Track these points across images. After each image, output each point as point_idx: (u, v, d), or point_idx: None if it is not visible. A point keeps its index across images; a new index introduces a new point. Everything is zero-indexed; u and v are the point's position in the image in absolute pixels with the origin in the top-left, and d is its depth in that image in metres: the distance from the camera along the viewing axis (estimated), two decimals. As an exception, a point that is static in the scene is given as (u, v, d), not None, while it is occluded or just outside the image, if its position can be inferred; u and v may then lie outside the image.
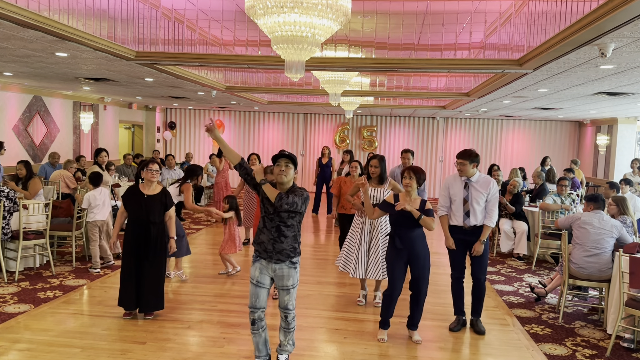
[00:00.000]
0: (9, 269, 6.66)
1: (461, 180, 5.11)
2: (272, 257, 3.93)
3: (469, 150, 5.08)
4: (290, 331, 4.11)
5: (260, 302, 3.98)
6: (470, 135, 17.30)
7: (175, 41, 7.35)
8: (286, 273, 3.95)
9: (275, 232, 3.90)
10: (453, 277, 5.29)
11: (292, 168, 3.88)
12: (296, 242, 4.00)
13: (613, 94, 8.69)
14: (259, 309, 3.99)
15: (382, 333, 4.93)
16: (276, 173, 3.87)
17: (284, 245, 3.91)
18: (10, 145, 11.01)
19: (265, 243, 3.93)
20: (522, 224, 8.39)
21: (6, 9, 4.44)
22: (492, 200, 5.05)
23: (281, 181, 3.89)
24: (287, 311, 4.04)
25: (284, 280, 3.96)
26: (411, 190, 4.79)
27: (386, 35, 7.57)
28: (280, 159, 3.87)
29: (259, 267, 3.97)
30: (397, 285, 4.82)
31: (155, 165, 5.25)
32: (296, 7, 3.62)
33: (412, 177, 4.76)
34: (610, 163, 14.42)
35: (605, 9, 3.86)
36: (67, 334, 4.83)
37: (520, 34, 6.23)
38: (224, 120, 17.94)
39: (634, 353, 4.80)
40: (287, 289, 3.98)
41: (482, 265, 5.16)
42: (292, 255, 3.96)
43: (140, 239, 5.12)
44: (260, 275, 3.96)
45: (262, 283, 3.97)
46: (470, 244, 5.13)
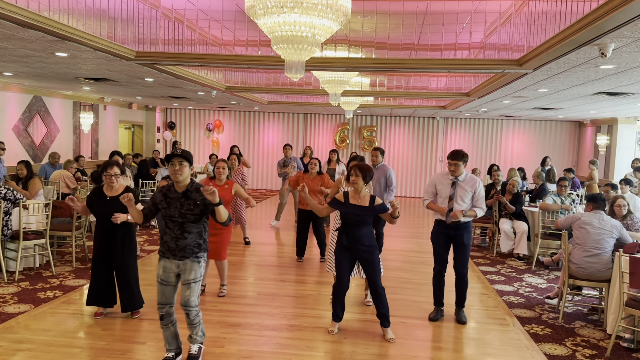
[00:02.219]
0: (9, 269, 6.66)
1: (449, 178, 5.33)
2: (176, 255, 4.02)
3: (461, 151, 5.32)
4: (196, 325, 4.15)
5: (165, 298, 4.09)
6: (470, 135, 17.30)
7: (175, 41, 7.35)
8: (189, 267, 4.02)
9: (179, 230, 4.00)
10: (435, 270, 5.53)
11: (186, 166, 3.97)
12: (201, 238, 4.07)
13: (613, 94, 8.69)
14: (166, 305, 4.10)
15: (333, 325, 5.04)
16: (171, 173, 3.98)
17: (188, 241, 4.00)
18: (11, 145, 11.01)
19: (169, 242, 4.03)
20: (522, 224, 8.39)
21: (6, 9, 4.44)
22: (479, 198, 5.32)
23: (176, 180, 3.98)
24: (188, 309, 4.06)
25: (187, 274, 4.03)
26: (358, 187, 4.85)
27: (386, 35, 7.57)
28: (174, 159, 3.96)
29: (163, 265, 4.07)
30: (343, 279, 4.93)
31: (115, 169, 5.15)
32: (296, 7, 3.62)
33: (357, 174, 4.82)
34: (610, 163, 14.42)
35: (605, 9, 3.87)
36: (67, 334, 4.83)
37: (520, 34, 6.23)
38: (224, 120, 17.95)
39: (634, 353, 4.80)
40: (188, 283, 4.03)
41: (464, 259, 5.41)
42: (196, 251, 4.04)
43: (108, 240, 5.14)
44: (163, 273, 4.06)
45: (166, 281, 4.07)
46: (452, 238, 5.38)
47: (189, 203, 3.98)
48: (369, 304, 5.84)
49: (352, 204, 4.83)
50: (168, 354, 4.22)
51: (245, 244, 8.84)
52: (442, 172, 5.47)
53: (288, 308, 5.76)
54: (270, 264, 7.74)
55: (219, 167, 5.99)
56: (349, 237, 4.86)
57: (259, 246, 8.98)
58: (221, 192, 5.93)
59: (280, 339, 4.88)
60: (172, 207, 4.00)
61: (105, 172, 5.15)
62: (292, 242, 9.49)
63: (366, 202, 4.83)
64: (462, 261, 5.40)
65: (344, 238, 4.90)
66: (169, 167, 3.99)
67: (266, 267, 7.54)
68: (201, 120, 18.01)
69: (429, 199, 5.48)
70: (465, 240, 5.35)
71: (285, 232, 10.28)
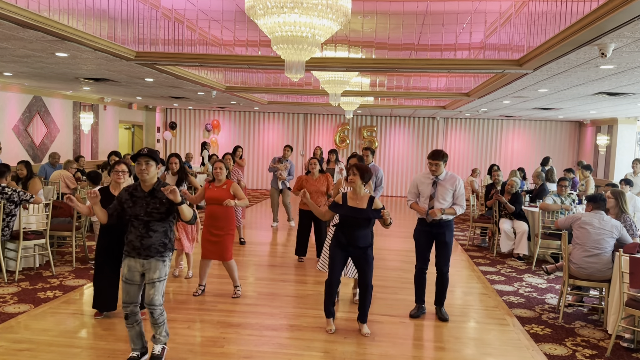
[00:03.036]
0: (9, 269, 6.66)
1: (430, 178, 5.43)
2: (141, 254, 4.00)
3: (441, 151, 5.41)
4: (160, 325, 4.13)
5: (130, 297, 4.07)
6: (470, 135, 17.30)
7: (175, 41, 7.35)
8: (153, 266, 4.00)
9: (144, 228, 3.99)
10: (417, 268, 5.61)
11: (153, 165, 3.97)
12: (166, 237, 4.06)
13: (613, 94, 8.69)
14: (130, 304, 4.08)
15: (329, 323, 5.07)
16: (137, 172, 3.97)
17: (153, 240, 3.98)
18: (11, 145, 11.01)
19: (134, 241, 4.02)
20: (522, 224, 8.39)
21: (6, 9, 4.45)
22: (459, 195, 5.40)
23: (143, 179, 3.98)
24: (153, 307, 4.04)
25: (151, 273, 4.01)
26: (356, 187, 4.85)
27: (386, 35, 7.57)
28: (140, 158, 3.96)
29: (127, 264, 4.05)
30: (336, 274, 4.95)
31: (123, 166, 5.18)
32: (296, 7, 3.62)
33: (355, 173, 4.83)
34: (610, 163, 14.42)
35: (605, 9, 3.87)
36: (67, 334, 4.83)
37: (520, 34, 6.24)
38: (224, 120, 17.95)
39: (634, 353, 4.79)
40: (152, 282, 4.01)
41: (445, 258, 5.48)
42: (160, 250, 4.02)
43: (114, 241, 5.08)
44: (128, 272, 4.05)
45: (131, 280, 4.06)
46: (434, 236, 5.45)
47: (155, 202, 3.98)
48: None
49: (350, 206, 4.82)
50: (133, 354, 4.20)
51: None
52: (423, 173, 5.58)
53: (288, 308, 5.76)
54: (270, 264, 7.74)
55: (216, 168, 5.98)
56: (346, 236, 4.88)
57: (259, 246, 8.98)
58: (219, 193, 5.90)
59: (280, 339, 4.88)
60: (137, 206, 4.00)
61: (114, 169, 5.18)
62: (292, 242, 9.49)
63: (364, 203, 4.82)
64: (444, 259, 5.47)
65: (341, 236, 4.92)
66: (135, 166, 3.99)
67: (266, 267, 7.54)
68: (201, 121, 18.01)
69: (412, 199, 5.58)
70: (447, 239, 5.43)
71: (284, 232, 10.28)
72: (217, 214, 5.83)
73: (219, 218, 5.84)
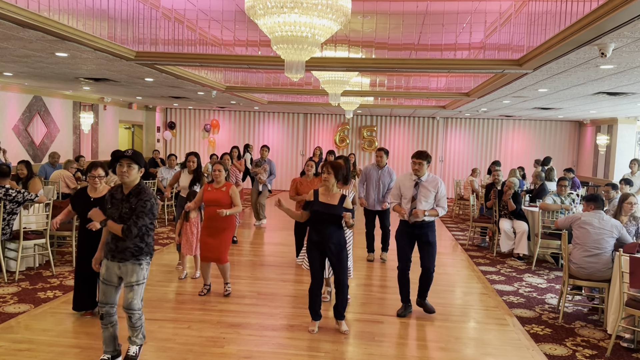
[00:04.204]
0: (9, 269, 6.66)
1: (412, 179, 5.46)
2: (116, 257, 3.94)
3: (425, 152, 5.49)
4: (137, 329, 4.08)
5: (106, 298, 4.03)
6: (470, 135, 17.31)
7: (175, 41, 7.35)
8: (130, 269, 3.95)
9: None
10: (399, 268, 5.63)
11: (135, 168, 3.90)
12: (142, 242, 3.97)
13: (613, 94, 8.69)
14: (106, 305, 4.04)
15: (313, 325, 5.04)
16: (118, 174, 3.90)
17: (127, 243, 3.91)
18: (11, 145, 11.01)
19: (110, 243, 3.97)
20: (522, 224, 8.39)
21: (6, 9, 4.45)
22: (441, 197, 5.45)
23: (123, 181, 3.92)
24: (131, 312, 3.99)
25: (128, 276, 3.96)
26: (329, 185, 4.87)
27: (386, 35, 7.57)
28: (122, 160, 3.88)
29: (106, 265, 4.02)
30: (318, 276, 4.94)
31: (99, 171, 5.12)
32: (296, 7, 3.63)
33: (330, 172, 4.86)
34: (610, 163, 14.42)
35: (605, 9, 3.87)
36: (67, 334, 4.83)
37: (520, 34, 6.24)
38: (224, 120, 17.94)
39: (634, 353, 4.79)
40: (130, 286, 3.96)
41: (430, 255, 5.51)
42: (136, 254, 3.95)
43: (93, 242, 4.99)
44: (106, 273, 4.01)
45: (108, 280, 4.01)
46: (416, 236, 5.49)
47: (126, 206, 3.92)
48: (326, 299, 5.85)
49: (321, 202, 4.87)
50: (104, 356, 4.13)
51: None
52: (406, 174, 5.60)
53: (288, 308, 5.76)
54: (270, 264, 7.74)
55: (215, 170, 5.93)
56: (318, 233, 4.89)
57: (259, 246, 8.98)
58: (218, 195, 5.84)
59: (280, 339, 4.88)
60: (114, 208, 3.97)
61: (89, 173, 5.13)
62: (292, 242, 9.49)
63: (335, 200, 4.86)
64: (430, 258, 5.50)
65: (313, 234, 4.93)
66: (117, 167, 3.93)
67: (266, 267, 7.54)
68: (201, 120, 18.01)
69: (395, 201, 5.60)
70: (430, 239, 5.46)
71: (285, 232, 10.27)
72: (216, 216, 5.77)
73: (218, 219, 5.78)
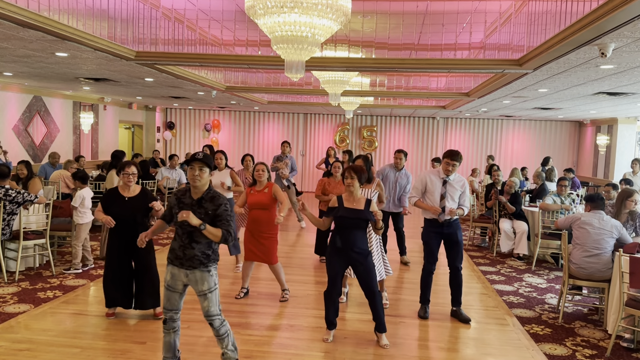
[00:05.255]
0: (9, 269, 6.66)
1: (440, 177, 5.40)
2: (184, 264, 3.83)
3: (459, 152, 5.40)
4: (224, 337, 3.96)
5: (171, 304, 3.94)
6: (470, 135, 17.31)
7: (175, 41, 7.35)
8: (199, 277, 3.83)
9: (187, 238, 3.80)
10: (427, 269, 5.54)
11: (206, 172, 3.79)
12: (210, 249, 3.86)
13: (613, 94, 8.69)
14: (171, 311, 3.96)
15: (328, 333, 4.87)
16: (190, 177, 3.80)
17: (195, 251, 3.80)
18: (11, 145, 11.01)
19: (176, 250, 3.86)
20: (522, 224, 8.39)
21: (6, 9, 4.44)
22: (465, 197, 5.48)
23: (194, 185, 3.80)
24: (211, 318, 3.89)
25: (198, 285, 3.85)
26: (354, 190, 4.71)
27: (386, 35, 7.57)
28: (194, 163, 3.78)
29: (171, 272, 3.91)
30: (337, 283, 4.76)
31: (132, 168, 5.14)
32: (296, 7, 3.62)
33: (353, 176, 4.69)
34: (610, 163, 14.42)
35: (605, 9, 3.87)
36: (67, 334, 4.83)
37: (520, 34, 6.23)
38: (224, 120, 17.95)
39: (634, 353, 4.80)
40: (203, 294, 3.85)
41: (458, 254, 5.45)
42: (204, 261, 3.83)
43: (128, 242, 5.07)
44: (171, 280, 3.90)
45: (173, 287, 3.91)
46: (444, 236, 5.42)
47: (200, 212, 3.76)
48: (342, 301, 5.77)
49: (346, 207, 4.69)
50: None
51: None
52: (432, 171, 5.55)
53: (288, 308, 5.76)
54: (270, 264, 7.73)
55: (258, 170, 5.69)
56: (342, 240, 4.70)
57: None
58: (260, 198, 5.65)
59: (280, 339, 4.88)
60: None
61: (123, 171, 5.13)
62: (292, 242, 9.50)
63: (361, 205, 4.70)
64: (456, 256, 5.44)
65: (337, 240, 4.74)
66: (188, 170, 3.81)
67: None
68: (201, 120, 18.01)
69: (417, 196, 5.52)
70: (458, 238, 5.42)
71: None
72: (260, 219, 5.60)
73: (262, 223, 5.61)
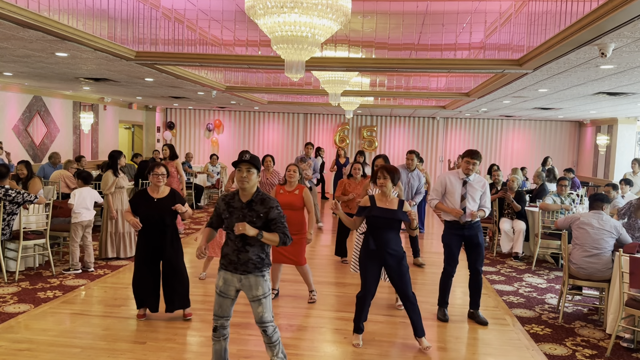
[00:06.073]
0: (9, 269, 6.66)
1: (460, 178, 5.31)
2: (238, 269, 3.73)
3: (478, 151, 5.34)
4: (276, 344, 3.86)
5: (222, 311, 3.84)
6: (470, 135, 17.31)
7: (175, 41, 7.35)
8: (253, 282, 3.73)
9: (240, 242, 3.70)
10: (447, 271, 5.45)
11: (254, 173, 3.68)
12: (263, 252, 3.77)
13: (613, 94, 8.69)
14: (222, 318, 3.86)
15: (357, 338, 4.79)
16: (238, 180, 3.68)
17: (250, 254, 3.71)
18: (11, 145, 11.01)
19: (230, 255, 3.75)
20: (520, 223, 8.38)
21: (6, 9, 4.45)
22: (486, 198, 5.39)
23: (243, 187, 3.69)
24: (264, 325, 3.78)
25: (252, 290, 3.74)
26: (387, 190, 4.62)
27: (386, 35, 7.57)
28: (241, 165, 3.66)
29: (223, 277, 3.80)
30: (370, 287, 4.66)
31: (162, 169, 5.15)
32: (296, 7, 3.62)
33: (386, 176, 4.60)
34: (610, 163, 14.42)
35: (605, 9, 3.87)
36: (67, 334, 4.83)
37: (520, 34, 6.23)
38: (224, 120, 17.95)
39: (634, 353, 4.79)
40: (257, 300, 3.75)
41: (480, 257, 5.38)
42: (259, 265, 3.74)
43: (155, 243, 5.08)
44: (223, 285, 3.80)
45: (225, 293, 3.80)
46: (465, 238, 5.35)
47: (251, 215, 3.67)
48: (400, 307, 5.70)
49: (380, 207, 4.59)
50: None
51: None
52: (451, 172, 5.45)
53: (288, 308, 5.76)
54: (270, 264, 7.73)
55: (289, 171, 5.63)
56: (376, 241, 4.59)
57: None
58: (291, 199, 5.64)
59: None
60: (234, 218, 3.71)
61: (153, 172, 5.13)
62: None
63: (394, 205, 4.60)
64: (477, 259, 5.37)
65: (371, 242, 4.62)
66: (235, 173, 3.70)
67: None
68: (201, 120, 18.02)
69: (437, 198, 5.41)
70: (479, 240, 5.34)
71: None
72: (289, 220, 5.44)
73: (292, 224, 5.51)
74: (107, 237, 7.45)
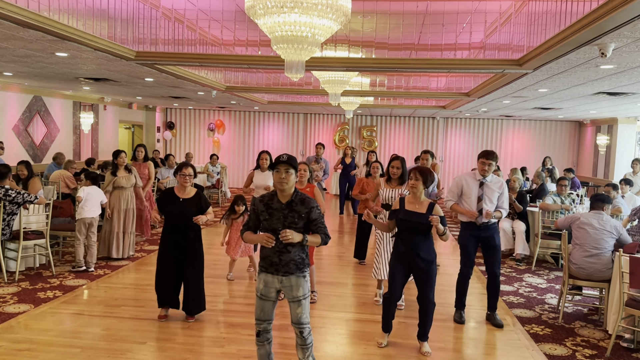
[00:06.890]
0: (9, 269, 6.66)
1: (476, 179, 5.29)
2: (279, 270, 3.68)
3: (494, 152, 5.30)
4: (308, 347, 3.82)
5: (264, 314, 3.80)
6: (470, 135, 17.31)
7: (175, 41, 7.35)
8: (294, 283, 3.70)
9: (281, 242, 3.63)
10: (464, 272, 5.42)
11: (292, 174, 3.63)
12: (304, 252, 3.73)
13: (613, 94, 8.69)
14: (264, 321, 3.82)
15: (383, 337, 4.80)
16: (276, 181, 3.63)
17: (292, 255, 3.66)
18: (11, 145, 11.01)
19: (271, 256, 3.69)
20: (520, 224, 8.37)
21: (6, 9, 4.44)
22: (504, 199, 5.34)
23: (282, 188, 3.64)
24: (301, 326, 3.76)
25: (293, 290, 3.71)
26: (417, 192, 4.51)
27: (386, 35, 7.57)
28: (280, 166, 3.61)
29: (264, 279, 3.75)
30: (397, 288, 4.63)
31: (189, 170, 5.14)
32: (296, 7, 3.62)
33: (418, 178, 4.48)
34: (610, 163, 14.42)
35: (605, 9, 3.87)
36: (67, 334, 4.83)
37: (520, 34, 6.23)
38: (224, 120, 17.95)
39: (634, 353, 4.79)
40: (297, 300, 3.73)
41: (496, 259, 5.33)
42: (300, 266, 3.70)
43: (178, 243, 5.09)
44: (264, 288, 3.75)
45: (267, 296, 3.76)
46: (481, 240, 5.33)
47: (292, 215, 3.63)
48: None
49: (407, 210, 4.51)
50: None
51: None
52: (467, 173, 5.46)
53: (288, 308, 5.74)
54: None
55: (300, 170, 5.57)
56: (405, 244, 4.53)
57: (259, 246, 8.96)
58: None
59: (280, 339, 4.87)
60: (274, 219, 3.65)
61: (180, 172, 5.12)
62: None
63: (424, 208, 4.49)
64: (494, 261, 5.33)
65: (400, 245, 4.57)
66: (274, 174, 3.65)
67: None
68: (201, 120, 18.01)
69: (453, 199, 5.39)
70: (496, 242, 5.31)
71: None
72: None
73: None
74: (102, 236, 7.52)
